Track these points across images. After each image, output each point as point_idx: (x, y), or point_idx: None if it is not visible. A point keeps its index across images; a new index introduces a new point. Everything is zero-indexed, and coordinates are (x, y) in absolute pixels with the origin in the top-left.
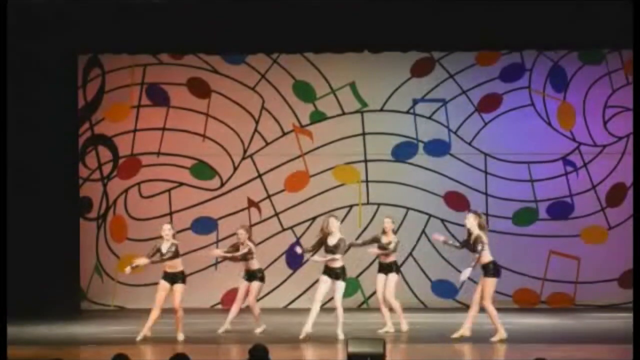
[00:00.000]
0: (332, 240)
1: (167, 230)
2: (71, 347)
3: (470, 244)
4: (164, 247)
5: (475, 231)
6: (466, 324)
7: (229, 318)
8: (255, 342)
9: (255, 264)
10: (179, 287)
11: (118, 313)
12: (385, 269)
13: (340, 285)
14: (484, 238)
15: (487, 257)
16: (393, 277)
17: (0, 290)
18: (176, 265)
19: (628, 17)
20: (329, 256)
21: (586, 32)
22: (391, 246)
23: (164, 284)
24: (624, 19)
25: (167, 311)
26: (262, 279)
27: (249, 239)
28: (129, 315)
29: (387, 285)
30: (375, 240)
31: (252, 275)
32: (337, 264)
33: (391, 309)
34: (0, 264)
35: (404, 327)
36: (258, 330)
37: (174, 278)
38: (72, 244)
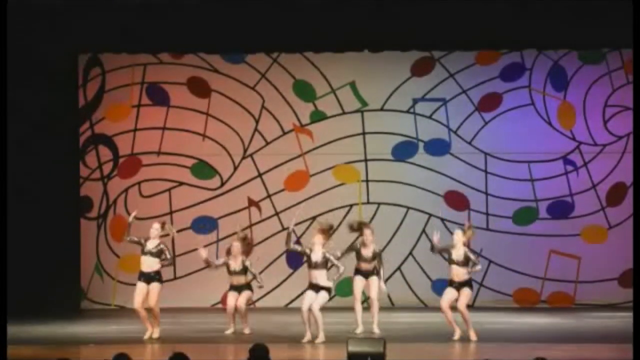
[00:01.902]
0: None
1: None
2: (71, 346)
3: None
4: (151, 244)
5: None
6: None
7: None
8: (255, 342)
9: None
10: (156, 286)
11: (118, 312)
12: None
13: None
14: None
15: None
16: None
17: (0, 290)
18: (153, 265)
19: (628, 17)
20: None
21: (586, 32)
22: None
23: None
24: (624, 19)
25: (168, 311)
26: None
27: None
28: (129, 314)
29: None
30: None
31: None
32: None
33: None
34: (0, 263)
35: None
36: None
37: (151, 278)
38: (72, 244)
